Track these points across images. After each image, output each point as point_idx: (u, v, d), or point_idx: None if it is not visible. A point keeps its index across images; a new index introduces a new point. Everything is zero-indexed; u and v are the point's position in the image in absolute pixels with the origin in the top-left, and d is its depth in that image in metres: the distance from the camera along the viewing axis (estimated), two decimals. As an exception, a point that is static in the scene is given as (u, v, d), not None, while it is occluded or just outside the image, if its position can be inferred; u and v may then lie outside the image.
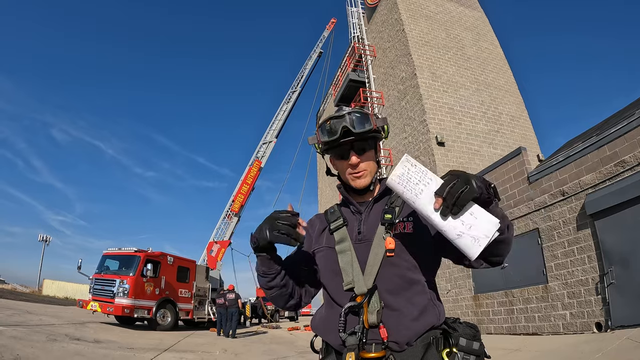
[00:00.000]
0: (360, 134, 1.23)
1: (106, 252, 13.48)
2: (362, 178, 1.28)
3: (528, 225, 8.76)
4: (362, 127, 1.23)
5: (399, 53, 16.97)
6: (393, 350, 1.09)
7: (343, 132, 1.22)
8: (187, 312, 14.45)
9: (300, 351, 9.09)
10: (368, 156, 1.29)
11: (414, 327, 1.10)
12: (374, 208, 1.30)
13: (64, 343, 6.80)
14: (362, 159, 1.27)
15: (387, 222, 1.21)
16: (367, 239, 1.23)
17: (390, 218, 1.22)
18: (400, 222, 1.22)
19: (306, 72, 25.14)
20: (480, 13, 19.90)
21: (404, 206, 1.26)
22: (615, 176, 6.93)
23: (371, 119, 1.25)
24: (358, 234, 1.26)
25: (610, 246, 6.91)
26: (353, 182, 1.30)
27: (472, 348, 1.10)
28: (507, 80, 17.71)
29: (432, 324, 1.12)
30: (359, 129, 1.23)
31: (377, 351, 1.08)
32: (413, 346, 1.09)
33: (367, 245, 1.22)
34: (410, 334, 1.09)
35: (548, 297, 8.05)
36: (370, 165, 1.30)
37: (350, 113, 1.25)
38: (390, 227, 1.21)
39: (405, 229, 1.21)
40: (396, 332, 1.09)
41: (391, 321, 1.10)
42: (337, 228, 1.31)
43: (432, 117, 14.44)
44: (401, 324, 1.10)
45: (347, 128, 1.22)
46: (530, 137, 16.37)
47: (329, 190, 26.16)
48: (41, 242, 39.28)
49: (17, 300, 17.21)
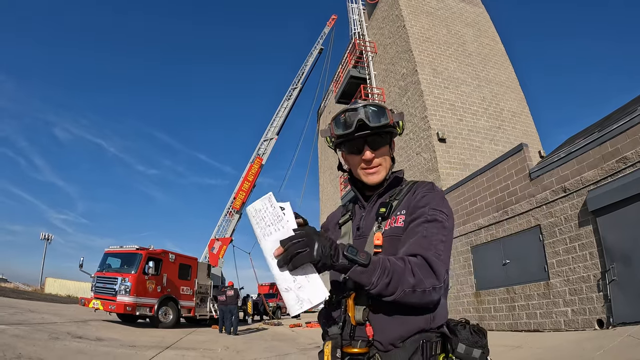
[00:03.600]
0: (376, 128, 1.19)
1: (108, 250, 13.52)
2: (375, 174, 1.25)
3: (530, 221, 8.74)
4: (378, 121, 1.20)
5: (400, 49, 16.90)
6: (378, 349, 1.06)
7: (358, 126, 1.18)
8: (189, 310, 14.49)
9: (301, 348, 9.11)
10: (382, 151, 1.26)
11: (398, 330, 1.06)
12: (377, 202, 1.28)
13: (66, 341, 6.82)
14: (376, 154, 1.24)
15: (380, 216, 1.19)
16: (364, 234, 1.22)
17: (383, 212, 1.19)
18: (394, 216, 1.19)
19: (307, 68, 25.10)
20: (482, 9, 19.79)
21: (404, 199, 1.23)
22: (617, 172, 6.89)
23: (387, 114, 1.22)
24: (357, 229, 1.25)
25: (612, 243, 6.89)
26: (365, 178, 1.27)
27: (471, 356, 1.04)
28: (508, 77, 17.64)
29: (421, 327, 1.07)
30: (375, 123, 1.19)
31: (361, 347, 1.06)
32: (400, 348, 1.05)
33: (363, 240, 1.20)
34: (395, 336, 1.06)
35: (550, 293, 8.04)
36: (385, 160, 1.27)
37: (367, 106, 1.21)
38: (384, 221, 1.19)
39: (397, 223, 1.17)
40: (381, 332, 1.07)
41: (377, 321, 1.08)
42: (344, 222, 1.31)
43: (433, 114, 14.39)
44: (386, 324, 1.07)
45: (362, 121, 1.18)
46: (531, 133, 16.31)
47: (330, 187, 26.15)
48: (43, 241, 39.53)
49: (19, 299, 17.28)
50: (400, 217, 1.17)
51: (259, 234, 1.01)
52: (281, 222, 0.99)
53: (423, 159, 14.21)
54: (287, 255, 0.92)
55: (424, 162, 14.15)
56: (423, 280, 1.00)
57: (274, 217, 1.00)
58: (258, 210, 1.02)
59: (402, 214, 1.18)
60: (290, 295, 0.95)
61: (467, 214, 10.69)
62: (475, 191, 10.65)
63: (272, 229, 0.99)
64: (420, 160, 14.40)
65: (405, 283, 0.99)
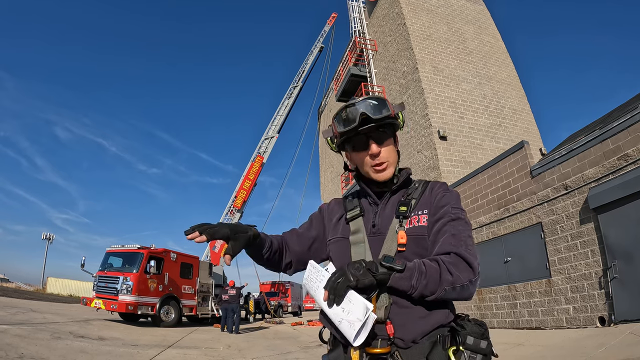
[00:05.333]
0: (380, 120, 1.19)
1: (109, 249, 13.52)
2: (385, 170, 1.24)
3: (531, 219, 8.73)
4: (381, 113, 1.19)
5: (401, 47, 16.86)
6: (398, 346, 1.07)
7: (362, 120, 1.18)
8: (191, 309, 14.51)
9: (303, 346, 9.12)
10: (388, 145, 1.25)
11: (421, 325, 1.08)
12: (391, 200, 1.28)
13: (68, 341, 6.83)
14: (382, 148, 1.23)
15: (401, 214, 1.20)
16: (381, 232, 1.21)
17: (405, 211, 1.20)
18: (415, 215, 1.20)
19: (307, 67, 25.07)
20: (482, 6, 19.73)
21: (420, 198, 1.24)
22: (619, 170, 6.87)
23: (389, 105, 1.21)
24: (372, 226, 1.24)
25: (613, 240, 6.88)
26: (375, 175, 1.25)
27: (479, 347, 1.08)
28: (509, 74, 17.60)
29: (440, 322, 1.10)
30: (378, 115, 1.18)
31: (382, 347, 1.06)
32: (419, 343, 1.07)
33: (380, 238, 1.20)
34: (417, 332, 1.07)
35: (551, 291, 8.03)
36: (391, 154, 1.26)
37: (366, 100, 1.21)
38: (405, 220, 1.19)
39: (419, 222, 1.18)
40: (403, 329, 1.07)
41: (398, 318, 1.08)
42: (353, 218, 1.29)
43: (434, 111, 14.36)
44: (408, 321, 1.08)
45: (365, 115, 1.17)
46: (532, 130, 16.29)
47: (331, 185, 26.14)
48: (45, 241, 39.64)
49: (21, 299, 17.33)
50: (423, 217, 1.19)
51: (313, 292, 1.13)
52: (322, 273, 1.13)
53: (424, 157, 14.20)
54: (331, 292, 1.00)
55: (425, 160, 14.13)
56: (460, 276, 1.06)
57: (317, 272, 1.15)
58: (307, 277, 1.17)
59: (424, 214, 1.19)
60: (343, 326, 1.00)
61: (469, 212, 10.67)
62: (476, 189, 10.64)
63: (318, 283, 1.11)
64: (421, 158, 14.38)
65: (445, 281, 1.04)
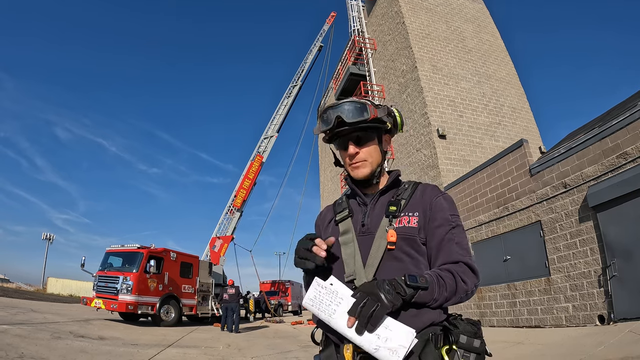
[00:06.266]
0: (355, 124, 1.23)
1: (109, 249, 13.53)
2: (360, 168, 1.28)
3: (530, 217, 8.74)
4: (357, 117, 1.22)
5: (400, 46, 16.85)
6: None
7: (337, 122, 1.23)
8: (191, 308, 14.55)
9: (303, 345, 9.14)
10: (368, 147, 1.28)
11: (412, 324, 1.07)
12: (380, 200, 1.30)
13: (69, 340, 6.84)
14: (361, 149, 1.27)
15: (391, 214, 1.22)
16: (370, 231, 1.23)
17: (394, 210, 1.22)
18: (405, 215, 1.22)
19: (307, 66, 25.05)
20: (481, 5, 19.71)
21: (410, 199, 1.26)
22: (618, 168, 6.88)
23: (369, 109, 1.24)
24: (362, 226, 1.26)
25: (612, 238, 6.89)
26: (352, 172, 1.31)
27: (472, 346, 1.09)
28: (508, 72, 17.59)
29: (432, 320, 1.11)
30: (353, 119, 1.22)
31: None
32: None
33: (370, 237, 1.22)
34: None
35: (550, 289, 8.05)
36: (371, 155, 1.29)
37: (347, 103, 1.24)
38: (394, 219, 1.21)
39: (410, 223, 1.20)
40: None
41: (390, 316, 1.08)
42: (342, 219, 1.31)
43: (433, 110, 14.36)
44: (401, 319, 1.07)
45: (340, 118, 1.22)
46: (532, 129, 16.28)
47: (331, 184, 26.14)
48: (45, 241, 39.67)
49: (21, 299, 17.35)
50: (414, 219, 1.21)
51: (325, 317, 1.05)
52: (338, 296, 1.05)
53: (423, 156, 14.20)
54: (364, 320, 0.97)
55: (424, 158, 14.13)
56: (469, 283, 1.14)
57: (330, 294, 1.06)
58: (314, 298, 1.08)
59: (414, 216, 1.22)
60: (382, 353, 0.97)
61: (468, 210, 10.69)
62: (475, 187, 10.65)
63: (334, 306, 1.04)
64: (420, 157, 14.38)
65: (460, 290, 1.12)
